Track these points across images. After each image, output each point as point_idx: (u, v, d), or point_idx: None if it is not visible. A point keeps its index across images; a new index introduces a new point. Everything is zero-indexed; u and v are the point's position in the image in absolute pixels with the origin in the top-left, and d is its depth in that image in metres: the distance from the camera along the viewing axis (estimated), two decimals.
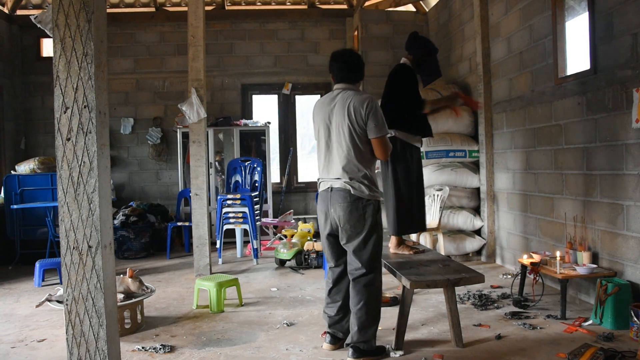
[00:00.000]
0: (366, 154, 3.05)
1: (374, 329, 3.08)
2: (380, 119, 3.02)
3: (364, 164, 3.04)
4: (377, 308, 3.08)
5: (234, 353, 3.24)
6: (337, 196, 3.04)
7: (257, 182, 7.10)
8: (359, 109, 2.99)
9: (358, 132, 3.01)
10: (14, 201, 6.45)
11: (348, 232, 3.03)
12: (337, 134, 3.06)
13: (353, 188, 3.00)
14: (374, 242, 3.04)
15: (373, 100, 3.03)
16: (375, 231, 3.05)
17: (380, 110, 3.04)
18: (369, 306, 3.03)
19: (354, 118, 3.00)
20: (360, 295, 3.03)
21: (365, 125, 2.99)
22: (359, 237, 3.02)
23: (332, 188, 3.08)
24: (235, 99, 8.33)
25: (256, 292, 4.78)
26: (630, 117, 3.52)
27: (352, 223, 3.01)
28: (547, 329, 3.53)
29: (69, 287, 2.31)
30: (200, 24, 5.36)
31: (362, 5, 7.80)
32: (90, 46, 2.27)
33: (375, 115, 2.99)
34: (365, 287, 3.02)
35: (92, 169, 2.30)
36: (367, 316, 3.02)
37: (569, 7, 4.38)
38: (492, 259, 5.79)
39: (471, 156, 5.98)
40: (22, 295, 4.89)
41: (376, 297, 3.08)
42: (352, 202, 3.00)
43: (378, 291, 3.10)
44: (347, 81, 3.13)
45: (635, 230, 3.55)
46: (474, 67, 6.04)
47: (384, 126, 3.03)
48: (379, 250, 3.09)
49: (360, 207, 3.00)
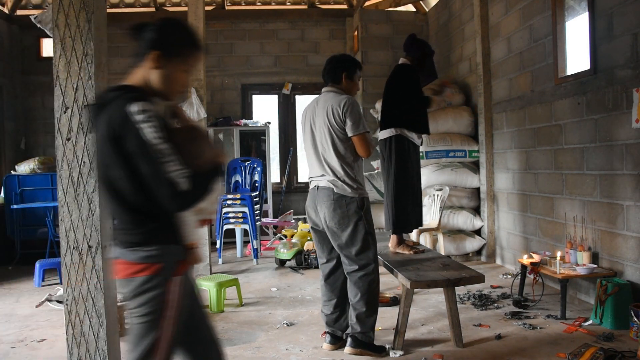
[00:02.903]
0: (347, 152, 3.11)
1: (372, 320, 3.11)
2: (357, 117, 3.08)
3: (346, 162, 3.10)
4: (374, 300, 3.12)
5: (234, 353, 3.24)
6: (322, 194, 3.12)
7: (257, 182, 7.10)
8: (337, 109, 3.08)
9: (337, 132, 3.09)
10: (14, 201, 6.45)
11: (333, 230, 3.09)
12: (320, 135, 3.16)
13: (336, 187, 3.08)
14: (362, 238, 3.06)
15: (350, 100, 3.11)
16: (362, 227, 3.07)
17: (357, 108, 3.12)
18: (366, 298, 3.07)
19: (333, 118, 3.09)
20: (357, 288, 3.09)
21: (344, 124, 3.07)
22: (345, 233, 3.06)
23: (318, 187, 3.17)
24: (235, 99, 8.32)
25: (256, 292, 4.78)
26: (630, 117, 3.52)
27: (336, 220, 3.06)
28: (547, 329, 3.53)
29: (69, 287, 2.31)
30: (200, 24, 5.36)
31: (362, 5, 7.80)
32: (90, 46, 2.28)
33: (352, 114, 3.07)
34: (360, 280, 3.08)
35: (92, 169, 2.30)
36: (365, 307, 3.07)
37: (569, 7, 4.38)
38: (492, 259, 5.79)
39: (471, 156, 5.98)
40: (22, 295, 4.89)
41: (372, 289, 3.10)
42: (335, 200, 3.06)
43: (373, 283, 3.11)
44: (329, 83, 3.26)
45: (635, 230, 3.55)
46: (474, 67, 6.04)
47: (361, 124, 3.09)
48: (368, 245, 3.10)
49: (344, 204, 3.05)
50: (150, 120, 1.52)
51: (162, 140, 1.52)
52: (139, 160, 1.54)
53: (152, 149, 1.52)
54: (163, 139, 1.53)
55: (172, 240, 1.67)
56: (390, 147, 3.80)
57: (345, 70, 3.22)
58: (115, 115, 1.56)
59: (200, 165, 1.61)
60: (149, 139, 1.51)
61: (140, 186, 1.58)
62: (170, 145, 1.54)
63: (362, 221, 3.07)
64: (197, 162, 1.61)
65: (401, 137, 3.80)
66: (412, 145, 3.86)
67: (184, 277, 1.69)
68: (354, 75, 3.24)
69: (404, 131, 3.80)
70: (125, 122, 1.54)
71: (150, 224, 1.64)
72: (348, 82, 3.23)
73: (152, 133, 1.52)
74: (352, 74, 3.23)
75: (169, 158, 1.53)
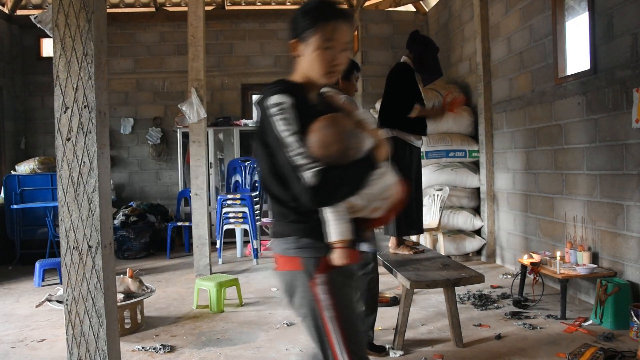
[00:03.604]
0: None
1: (370, 320, 3.11)
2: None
3: None
4: (372, 299, 3.11)
5: (234, 353, 3.24)
6: None
7: (257, 182, 7.10)
8: None
9: None
10: (14, 201, 6.46)
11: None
12: None
13: None
14: None
15: (347, 99, 3.09)
16: None
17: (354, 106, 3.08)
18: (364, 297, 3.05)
19: None
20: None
21: None
22: None
23: None
24: (235, 99, 8.32)
25: (256, 292, 4.78)
26: (630, 117, 3.52)
27: None
28: (547, 329, 3.53)
29: (69, 287, 2.31)
30: (200, 24, 5.36)
31: (362, 5, 7.80)
32: (90, 46, 2.27)
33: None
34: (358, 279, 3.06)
35: (92, 169, 2.29)
36: (364, 307, 3.05)
37: (569, 7, 4.38)
38: (492, 259, 5.79)
39: (471, 156, 5.98)
40: (22, 295, 4.89)
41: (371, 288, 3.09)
42: None
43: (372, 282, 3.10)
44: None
45: (635, 230, 3.55)
46: (474, 67, 6.04)
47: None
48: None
49: None
50: (281, 113, 1.48)
51: (291, 133, 1.47)
52: (276, 153, 1.53)
53: (282, 142, 1.48)
54: (293, 131, 1.47)
55: (312, 235, 1.58)
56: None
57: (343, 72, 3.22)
58: (260, 109, 1.57)
59: (351, 156, 1.50)
60: (279, 131, 1.48)
61: (280, 179, 1.55)
62: (300, 138, 1.47)
63: None
64: (349, 152, 1.50)
65: (398, 139, 3.77)
66: (411, 148, 3.82)
67: (334, 276, 1.58)
68: (350, 75, 3.25)
69: (400, 132, 3.78)
70: (264, 116, 1.54)
71: (292, 216, 1.59)
72: (344, 82, 3.23)
73: (283, 126, 1.48)
74: (349, 75, 3.24)
75: (297, 151, 1.46)
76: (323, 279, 1.57)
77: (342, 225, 1.55)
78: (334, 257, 1.56)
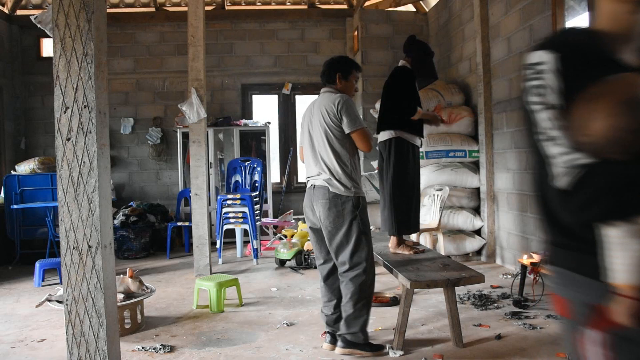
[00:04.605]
0: (343, 151, 3.13)
1: (362, 321, 3.10)
2: (353, 114, 3.12)
3: (342, 161, 3.12)
4: (362, 301, 3.09)
5: (234, 353, 3.24)
6: (318, 193, 3.14)
7: (257, 182, 7.10)
8: (332, 108, 3.11)
9: (333, 130, 3.12)
10: (14, 201, 6.45)
11: (329, 229, 3.10)
12: (316, 134, 3.19)
13: (331, 185, 3.09)
14: (355, 237, 3.06)
15: (344, 97, 3.14)
16: (356, 227, 3.07)
17: (352, 105, 3.15)
18: (354, 299, 3.07)
19: (328, 117, 3.12)
20: (347, 290, 3.10)
21: (340, 122, 3.10)
22: (340, 232, 3.07)
23: (314, 185, 3.19)
24: (235, 99, 8.32)
25: (256, 292, 4.78)
26: None
27: (331, 219, 3.08)
28: (547, 329, 3.53)
29: (69, 287, 2.31)
30: (200, 24, 5.36)
31: (362, 5, 7.80)
32: (90, 46, 2.27)
33: (347, 111, 3.10)
34: (351, 281, 3.08)
35: (92, 169, 2.30)
36: (353, 309, 3.07)
37: (569, 7, 4.38)
38: (492, 259, 5.79)
39: (471, 156, 5.98)
40: (22, 295, 4.89)
41: (362, 290, 3.08)
42: (331, 199, 3.08)
43: (365, 285, 3.09)
44: (325, 84, 3.31)
45: None
46: (474, 67, 6.04)
47: (357, 119, 3.13)
48: (361, 245, 3.09)
49: (339, 203, 3.07)
50: (537, 78, 1.13)
51: (545, 107, 1.07)
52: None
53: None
54: (548, 104, 1.06)
55: (585, 267, 1.10)
56: (390, 150, 3.81)
57: (339, 71, 3.25)
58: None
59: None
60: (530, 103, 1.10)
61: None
62: (560, 116, 1.01)
63: (356, 220, 3.08)
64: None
65: (401, 140, 3.81)
66: (412, 148, 3.87)
67: (619, 340, 1.05)
68: (349, 75, 3.26)
69: (403, 133, 3.81)
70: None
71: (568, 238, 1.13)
72: (343, 82, 3.26)
73: (536, 97, 1.13)
74: (347, 75, 3.26)
75: (552, 135, 1.05)
76: (600, 339, 1.06)
77: (636, 258, 1.00)
78: (617, 310, 1.04)
